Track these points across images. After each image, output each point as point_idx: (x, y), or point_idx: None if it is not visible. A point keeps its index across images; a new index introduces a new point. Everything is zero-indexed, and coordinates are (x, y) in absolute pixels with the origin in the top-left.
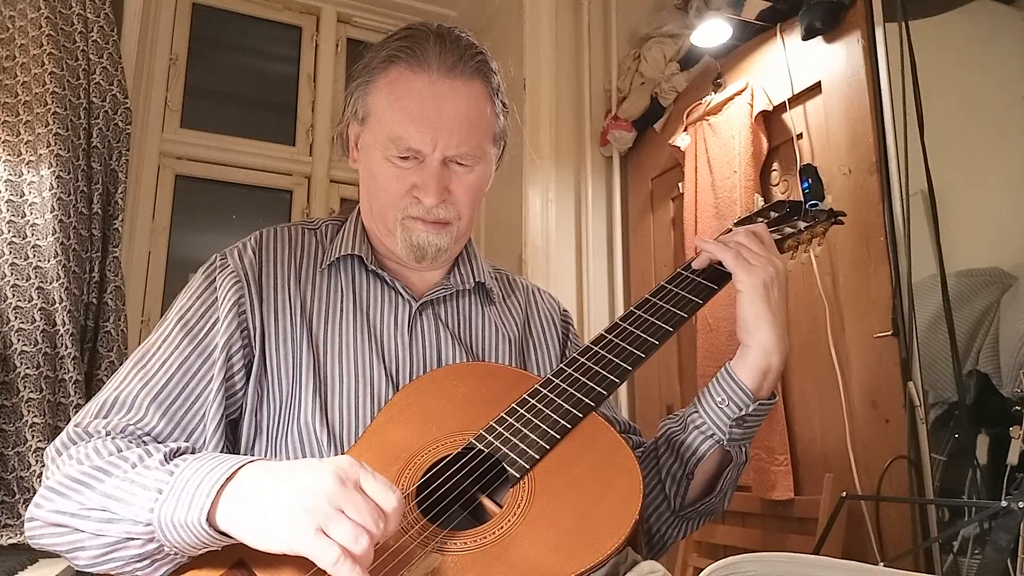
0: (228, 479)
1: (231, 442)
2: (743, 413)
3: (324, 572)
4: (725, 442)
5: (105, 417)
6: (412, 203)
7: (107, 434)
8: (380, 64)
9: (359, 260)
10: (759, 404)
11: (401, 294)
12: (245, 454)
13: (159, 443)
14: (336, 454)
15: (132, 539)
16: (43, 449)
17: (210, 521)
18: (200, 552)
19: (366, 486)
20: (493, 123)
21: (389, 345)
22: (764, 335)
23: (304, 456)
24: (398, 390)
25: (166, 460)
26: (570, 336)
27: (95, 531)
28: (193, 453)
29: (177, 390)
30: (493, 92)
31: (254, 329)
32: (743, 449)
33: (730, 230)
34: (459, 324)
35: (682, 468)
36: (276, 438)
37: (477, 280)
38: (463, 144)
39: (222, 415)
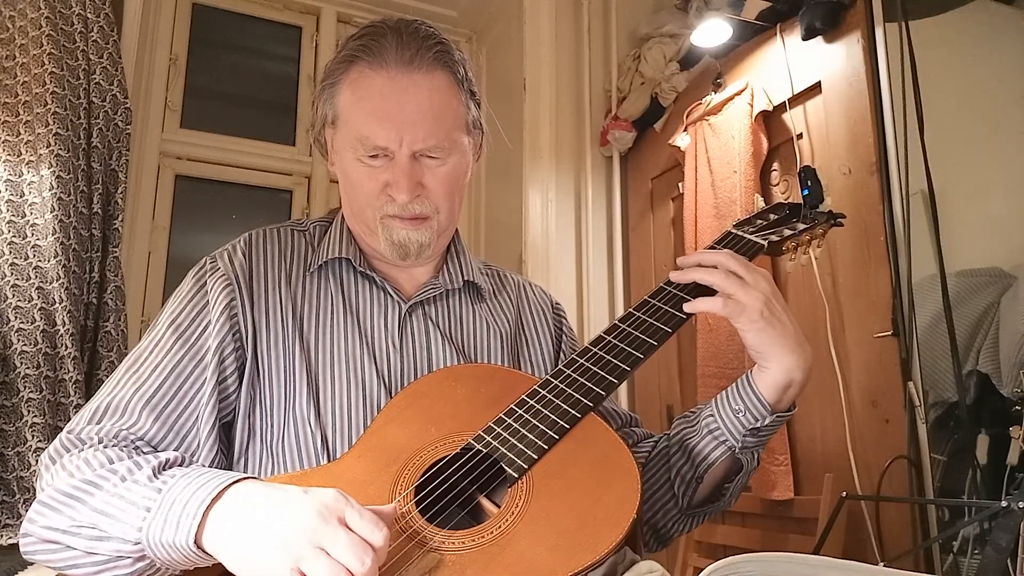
0: (214, 500)
1: (225, 445)
2: (759, 424)
3: None
4: (737, 449)
5: (98, 423)
6: (387, 202)
7: (99, 442)
8: (341, 65)
9: (347, 262)
10: (776, 416)
11: (391, 295)
12: (240, 457)
13: (153, 447)
14: (329, 457)
15: (123, 557)
16: (43, 449)
17: (197, 542)
18: (192, 567)
19: (351, 522)
20: (461, 112)
21: (380, 347)
22: (781, 357)
23: (299, 458)
24: (390, 392)
25: (154, 475)
26: (564, 329)
27: (87, 549)
28: (182, 464)
29: (170, 394)
30: (459, 82)
31: (246, 332)
32: (755, 455)
33: (729, 232)
34: (450, 324)
35: (692, 470)
36: (271, 441)
37: (466, 279)
38: (430, 137)
39: (215, 418)
